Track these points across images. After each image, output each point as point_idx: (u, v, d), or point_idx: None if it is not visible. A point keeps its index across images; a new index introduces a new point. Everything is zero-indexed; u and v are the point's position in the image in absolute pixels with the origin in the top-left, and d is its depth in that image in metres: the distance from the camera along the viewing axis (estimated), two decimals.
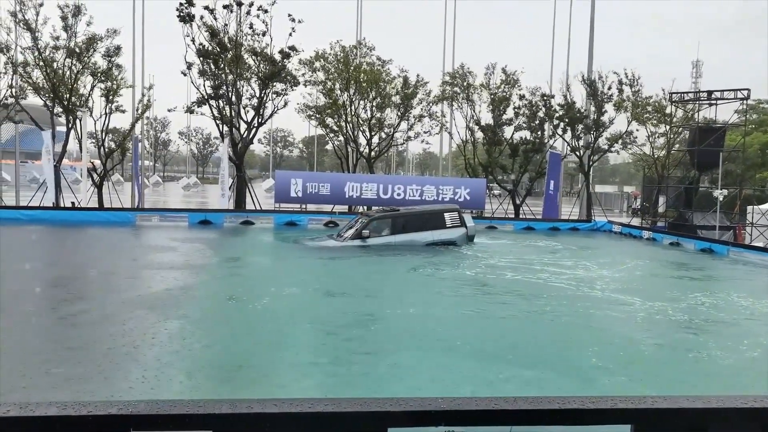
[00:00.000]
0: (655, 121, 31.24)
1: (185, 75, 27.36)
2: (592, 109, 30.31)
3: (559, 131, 30.90)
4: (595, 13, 31.34)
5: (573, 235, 26.01)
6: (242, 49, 27.18)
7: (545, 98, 30.35)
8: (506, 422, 1.84)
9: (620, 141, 31.23)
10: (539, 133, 30.84)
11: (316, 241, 18.99)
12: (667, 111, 30.64)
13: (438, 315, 10.41)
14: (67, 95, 26.31)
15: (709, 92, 28.96)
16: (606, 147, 31.72)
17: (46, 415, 1.62)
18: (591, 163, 31.24)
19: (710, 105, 29.48)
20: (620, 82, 29.69)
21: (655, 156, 32.03)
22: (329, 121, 31.18)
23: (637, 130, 31.33)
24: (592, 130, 30.27)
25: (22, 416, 1.60)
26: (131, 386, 6.52)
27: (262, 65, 27.61)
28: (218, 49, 26.58)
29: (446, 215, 19.56)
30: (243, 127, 28.56)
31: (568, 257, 18.62)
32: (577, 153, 30.95)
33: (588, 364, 7.89)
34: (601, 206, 34.98)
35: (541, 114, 30.47)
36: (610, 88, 29.84)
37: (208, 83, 27.22)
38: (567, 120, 30.13)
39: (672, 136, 31.55)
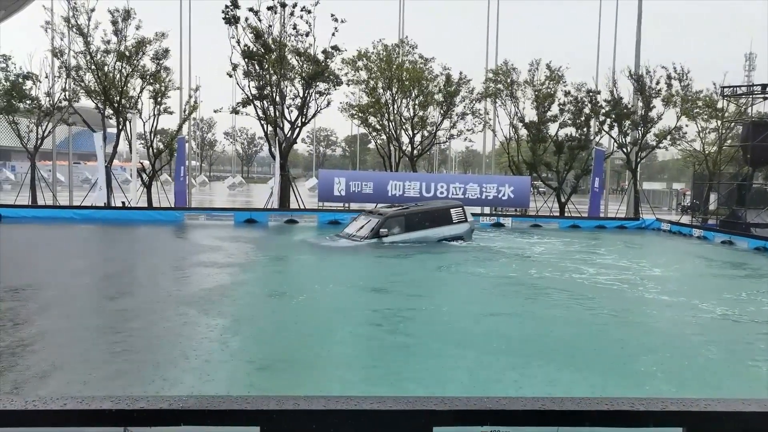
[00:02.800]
0: (706, 116, 30.35)
1: (231, 76, 27.84)
2: (640, 104, 29.63)
3: (606, 127, 30.32)
4: (642, 6, 30.67)
5: (620, 233, 25.51)
6: (286, 49, 27.46)
7: (591, 94, 29.81)
8: (553, 423, 1.81)
9: (669, 137, 30.45)
10: (585, 129, 30.30)
11: (328, 240, 18.90)
12: (719, 105, 29.73)
13: (494, 314, 10.35)
14: (118, 98, 27.04)
15: (764, 86, 27.99)
16: (654, 143, 30.99)
17: (100, 409, 1.66)
18: (639, 159, 30.55)
19: (764, 99, 28.50)
20: (669, 77, 28.94)
21: (706, 152, 31.14)
22: (372, 119, 31.25)
23: (687, 126, 30.54)
24: (640, 126, 29.59)
25: (80, 409, 1.65)
26: (181, 381, 6.67)
27: (305, 65, 27.84)
28: (262, 50, 26.91)
29: (452, 211, 19.74)
30: (287, 126, 28.87)
31: (617, 256, 18.27)
32: (625, 149, 30.30)
33: (644, 367, 7.71)
34: (649, 204, 34.18)
35: (586, 110, 29.94)
36: (658, 83, 29.13)
37: (252, 84, 27.60)
38: (614, 116, 29.52)
39: (724, 131, 30.62)
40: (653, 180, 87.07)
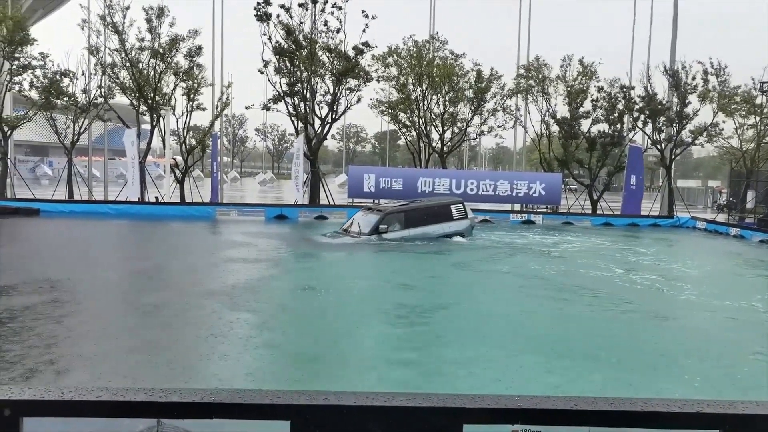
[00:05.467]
0: (744, 113, 29.64)
1: (262, 73, 28.04)
2: (675, 100, 29.06)
3: (640, 124, 29.81)
4: (678, 2, 30.08)
5: (654, 231, 25.11)
6: (317, 46, 27.58)
7: (625, 90, 29.35)
8: (585, 423, 1.78)
9: (705, 133, 29.83)
10: (618, 126, 29.85)
11: (328, 237, 18.73)
12: (757, 101, 29.01)
13: (525, 312, 10.28)
14: (152, 94, 27.46)
15: None
16: (689, 140, 30.38)
17: (134, 401, 1.69)
18: (673, 156, 30.00)
19: None
20: (705, 72, 28.31)
21: (744, 149, 30.44)
22: (402, 116, 31.24)
23: (724, 122, 29.84)
24: (675, 123, 29.03)
25: (114, 401, 1.68)
26: (212, 374, 6.76)
27: (335, 62, 27.93)
28: (293, 47, 27.07)
29: (453, 207, 19.65)
30: (317, 123, 29.02)
31: (652, 255, 18.00)
32: (659, 146, 29.78)
33: (682, 369, 7.59)
34: (683, 202, 33.55)
35: (620, 106, 29.48)
36: (694, 78, 28.52)
37: (283, 81, 27.77)
38: (648, 112, 29.02)
39: (762, 127, 29.87)
40: (688, 177, 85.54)
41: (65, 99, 27.60)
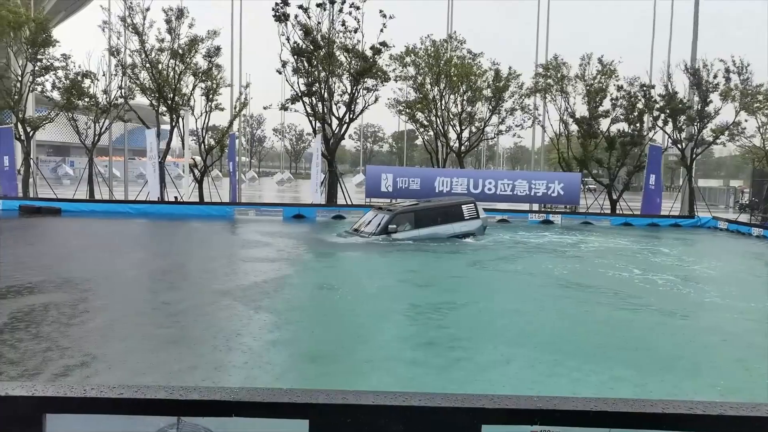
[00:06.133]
0: (767, 111, 29.19)
1: (280, 73, 28.17)
2: (696, 99, 28.71)
3: (660, 123, 29.50)
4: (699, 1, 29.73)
5: (675, 231, 24.83)
6: (334, 46, 27.64)
7: (645, 88, 29.06)
8: (604, 424, 1.77)
9: (727, 132, 29.41)
10: (638, 125, 29.56)
11: (337, 237, 18.67)
12: None
13: (555, 313, 10.23)
14: (171, 95, 27.69)
15: None
16: (711, 139, 29.99)
17: (155, 398, 1.71)
18: (694, 156, 29.64)
19: None
20: (727, 70, 27.93)
21: (766, 148, 29.98)
22: (419, 115, 31.20)
23: (746, 121, 29.38)
24: (696, 122, 28.68)
25: (135, 398, 1.70)
26: (231, 373, 6.80)
27: (353, 62, 27.97)
28: (311, 47, 27.15)
29: (464, 207, 19.43)
30: (334, 123, 29.07)
31: (673, 255, 17.81)
32: (679, 145, 29.45)
33: (707, 371, 7.51)
34: (704, 201, 33.14)
35: (640, 105, 29.21)
36: (715, 77, 28.15)
37: (301, 80, 27.87)
38: (668, 111, 28.70)
39: None
40: (709, 177, 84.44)
41: (86, 100, 27.95)
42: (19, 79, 26.98)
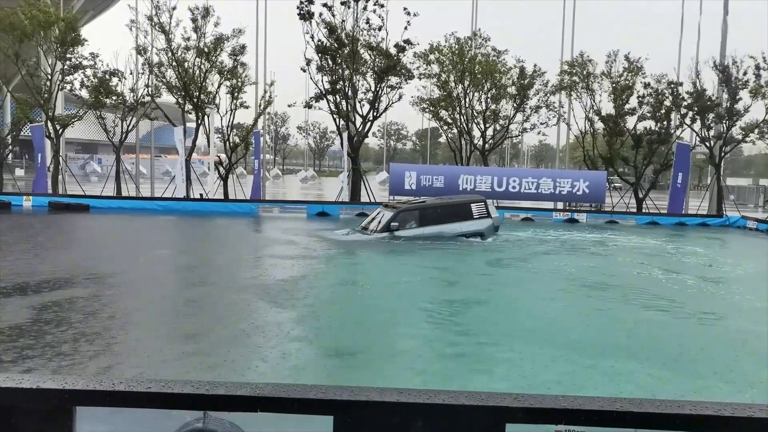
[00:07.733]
0: None
1: (304, 71, 28.26)
2: (725, 96, 28.21)
3: (688, 121, 29.04)
4: None
5: (703, 231, 24.46)
6: (359, 44, 27.67)
7: (672, 86, 28.62)
8: (630, 425, 1.75)
9: (756, 130, 28.86)
10: (665, 123, 29.14)
11: (342, 234, 18.55)
12: None
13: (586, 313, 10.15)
14: (197, 93, 27.96)
15: None
16: (740, 137, 29.45)
17: (182, 393, 1.73)
18: (723, 154, 29.14)
19: None
20: (757, 67, 27.38)
21: None
22: (443, 113, 31.08)
23: None
24: (725, 119, 28.18)
25: (162, 392, 1.72)
26: (255, 367, 6.85)
27: (377, 59, 27.97)
28: (336, 45, 27.22)
29: (473, 206, 18.85)
30: (358, 120, 29.11)
31: (701, 255, 17.54)
32: (708, 144, 28.98)
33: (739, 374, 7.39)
34: (733, 200, 32.58)
35: (667, 103, 28.78)
36: (745, 74, 27.62)
37: (325, 78, 27.96)
38: (696, 108, 28.24)
39: None
40: (738, 176, 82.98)
41: (114, 98, 28.32)
42: (49, 77, 27.44)
